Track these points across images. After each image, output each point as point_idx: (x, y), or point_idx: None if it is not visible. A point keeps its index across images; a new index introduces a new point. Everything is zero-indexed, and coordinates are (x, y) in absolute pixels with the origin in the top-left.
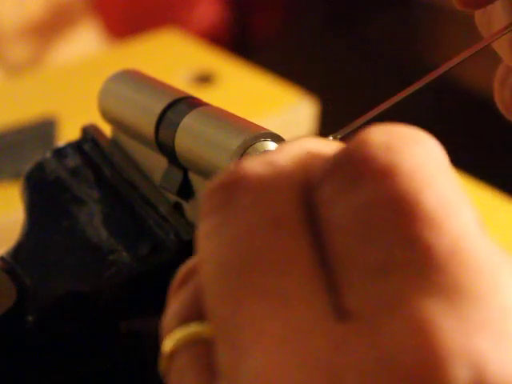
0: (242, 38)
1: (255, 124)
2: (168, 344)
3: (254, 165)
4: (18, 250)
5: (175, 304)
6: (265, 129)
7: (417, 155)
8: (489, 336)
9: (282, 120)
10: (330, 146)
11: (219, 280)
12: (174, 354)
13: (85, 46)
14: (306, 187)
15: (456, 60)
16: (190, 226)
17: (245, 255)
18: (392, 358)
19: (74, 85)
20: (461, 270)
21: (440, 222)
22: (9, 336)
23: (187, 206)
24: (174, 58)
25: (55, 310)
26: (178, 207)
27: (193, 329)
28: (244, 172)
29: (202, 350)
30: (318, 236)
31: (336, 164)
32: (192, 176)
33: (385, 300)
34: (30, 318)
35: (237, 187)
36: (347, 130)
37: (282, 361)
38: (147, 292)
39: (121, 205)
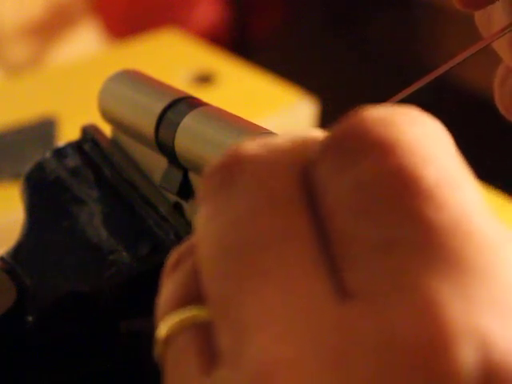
0: (241, 38)
1: (255, 124)
2: (163, 328)
3: (251, 147)
4: (18, 250)
5: (169, 288)
6: (265, 129)
7: (416, 130)
8: (495, 313)
9: (282, 120)
10: (326, 132)
11: (219, 261)
12: (169, 338)
13: (85, 46)
14: (305, 167)
15: (456, 60)
16: (190, 226)
17: (245, 236)
18: (397, 337)
19: (74, 85)
20: (464, 246)
21: (441, 197)
22: (9, 336)
23: (187, 206)
24: (174, 58)
25: (55, 310)
26: (177, 207)
27: (189, 312)
28: (242, 154)
29: (199, 333)
30: (318, 215)
31: (332, 141)
32: (192, 176)
33: (387, 278)
34: (29, 318)
35: (235, 169)
36: None
37: (286, 343)
38: (147, 292)
39: (121, 205)
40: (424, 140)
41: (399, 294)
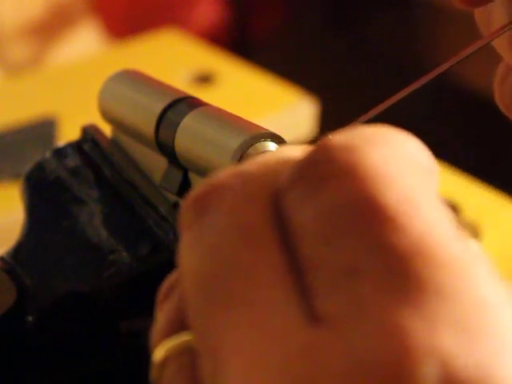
0: (241, 38)
1: (255, 124)
2: (159, 353)
3: (223, 177)
4: (18, 250)
5: (162, 314)
6: (265, 129)
7: (378, 152)
8: (454, 332)
9: (282, 120)
10: (300, 152)
11: (196, 293)
12: (165, 363)
13: (85, 46)
14: (275, 194)
15: (456, 59)
16: None
17: (217, 267)
18: (365, 361)
19: (74, 85)
20: (425, 270)
21: (401, 222)
22: (9, 336)
23: None
24: (174, 58)
25: (55, 310)
26: (177, 207)
27: (183, 338)
28: (215, 185)
29: (188, 359)
30: (288, 242)
31: (300, 168)
32: (192, 176)
33: (354, 304)
34: (29, 318)
35: (209, 200)
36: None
37: (258, 371)
38: (147, 292)
39: (121, 205)
40: (386, 162)
41: (365, 319)
